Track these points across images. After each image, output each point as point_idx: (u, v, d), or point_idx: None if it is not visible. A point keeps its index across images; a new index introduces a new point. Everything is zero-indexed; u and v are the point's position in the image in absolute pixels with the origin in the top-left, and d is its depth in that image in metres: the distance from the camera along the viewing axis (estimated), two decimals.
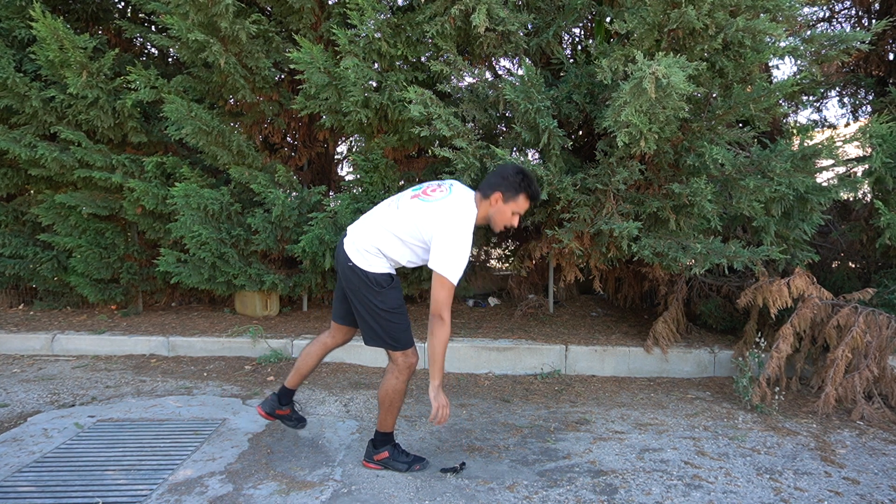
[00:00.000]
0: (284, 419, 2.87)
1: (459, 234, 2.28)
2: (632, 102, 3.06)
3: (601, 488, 2.47)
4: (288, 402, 2.85)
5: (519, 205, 2.42)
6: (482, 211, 2.42)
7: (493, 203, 2.41)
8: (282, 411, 2.84)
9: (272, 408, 2.82)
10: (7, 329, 4.72)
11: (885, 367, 3.38)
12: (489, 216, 2.45)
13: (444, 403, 2.37)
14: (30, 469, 2.55)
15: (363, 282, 2.40)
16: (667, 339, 4.16)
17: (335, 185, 5.62)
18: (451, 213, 2.32)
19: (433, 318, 2.29)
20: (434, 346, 2.29)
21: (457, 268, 2.27)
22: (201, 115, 4.20)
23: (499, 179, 2.40)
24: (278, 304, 5.23)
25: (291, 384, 2.82)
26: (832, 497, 2.42)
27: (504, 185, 2.39)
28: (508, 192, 2.39)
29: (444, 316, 2.27)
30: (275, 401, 2.82)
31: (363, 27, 3.90)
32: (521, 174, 2.40)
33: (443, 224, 2.30)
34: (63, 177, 4.79)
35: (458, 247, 2.27)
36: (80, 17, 5.00)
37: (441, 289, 2.27)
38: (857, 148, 4.39)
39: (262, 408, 2.82)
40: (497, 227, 2.48)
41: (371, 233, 2.43)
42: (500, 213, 2.42)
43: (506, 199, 2.40)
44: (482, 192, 2.43)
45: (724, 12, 3.23)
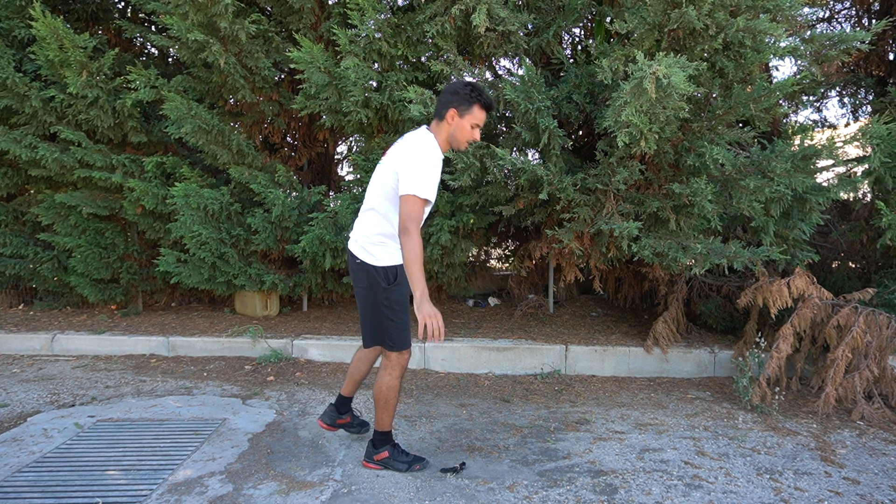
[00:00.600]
0: (347, 427, 2.89)
1: (421, 155, 2.29)
2: (632, 102, 3.06)
3: (601, 488, 2.47)
4: (347, 411, 2.86)
5: (475, 116, 2.41)
6: (442, 134, 2.42)
7: (450, 121, 2.40)
8: (342, 420, 2.85)
9: (332, 419, 2.83)
10: (7, 329, 4.72)
11: (885, 367, 3.38)
12: (451, 136, 2.43)
13: (430, 314, 2.09)
14: (30, 469, 2.55)
15: (371, 278, 2.43)
16: (667, 339, 4.16)
17: (335, 185, 5.62)
18: (409, 143, 2.36)
19: (400, 232, 2.20)
20: (407, 261, 2.17)
21: (423, 182, 2.22)
22: (201, 113, 4.20)
23: (450, 97, 2.40)
24: (278, 304, 5.23)
25: (347, 392, 2.82)
26: (832, 497, 2.42)
27: (456, 100, 2.38)
28: (462, 106, 2.38)
29: (409, 227, 2.18)
30: (333, 411, 2.83)
31: (363, 27, 3.90)
32: (471, 86, 2.40)
33: (404, 153, 2.32)
34: (63, 177, 4.79)
35: (422, 165, 2.26)
36: (80, 17, 5.00)
37: (407, 204, 2.21)
38: (857, 148, 4.39)
39: (323, 420, 2.83)
40: (461, 146, 2.45)
41: (365, 222, 2.46)
42: (459, 130, 2.41)
43: (461, 113, 2.39)
44: (437, 115, 2.43)
45: (724, 12, 3.23)
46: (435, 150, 2.36)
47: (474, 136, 2.44)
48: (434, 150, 2.35)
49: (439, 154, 2.38)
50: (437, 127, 2.43)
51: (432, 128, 2.44)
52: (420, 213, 2.24)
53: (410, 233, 2.18)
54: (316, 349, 4.33)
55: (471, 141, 2.45)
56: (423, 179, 2.24)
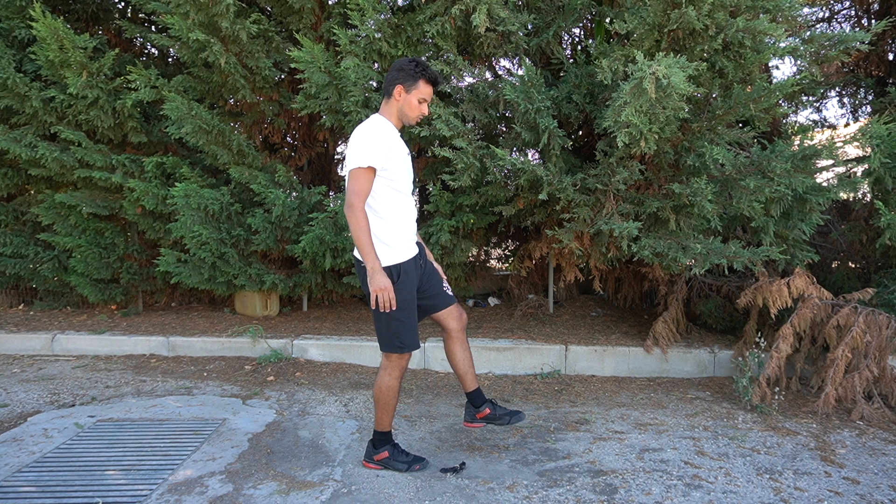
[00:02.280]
0: (493, 419, 2.76)
1: (360, 133, 2.36)
2: (632, 102, 3.06)
3: (601, 488, 2.47)
4: (482, 402, 2.76)
5: (421, 91, 2.45)
6: (392, 112, 2.47)
7: (397, 97, 2.44)
8: (483, 413, 2.75)
9: (472, 416, 2.76)
10: (7, 329, 4.72)
11: (885, 367, 3.38)
12: (400, 112, 2.47)
13: (381, 286, 2.26)
14: (30, 469, 2.55)
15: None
16: (667, 339, 4.16)
17: (335, 185, 5.63)
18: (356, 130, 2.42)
19: (345, 208, 2.30)
20: (354, 236, 2.29)
21: (362, 153, 2.30)
22: (201, 113, 4.21)
23: (396, 73, 2.44)
24: (278, 304, 5.23)
25: (470, 386, 2.75)
26: (832, 497, 2.42)
27: (401, 77, 2.43)
28: (408, 82, 2.43)
29: (353, 202, 2.28)
30: (472, 410, 2.76)
31: (363, 27, 3.90)
32: (415, 62, 2.44)
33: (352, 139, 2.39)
34: (63, 177, 4.80)
35: (360, 139, 2.33)
36: (80, 17, 5.00)
37: (350, 180, 2.32)
38: (856, 148, 4.39)
39: (467, 420, 2.78)
40: (411, 120, 2.50)
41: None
42: (407, 105, 2.45)
43: (407, 88, 2.43)
44: (385, 93, 2.48)
45: (724, 13, 3.24)
46: (378, 124, 2.42)
47: (422, 110, 2.49)
48: (376, 124, 2.41)
49: (385, 126, 2.42)
50: (386, 105, 2.48)
51: (382, 108, 2.50)
52: (363, 186, 2.31)
53: (354, 207, 2.28)
54: (316, 349, 4.33)
55: (420, 116, 2.50)
56: (362, 150, 2.31)
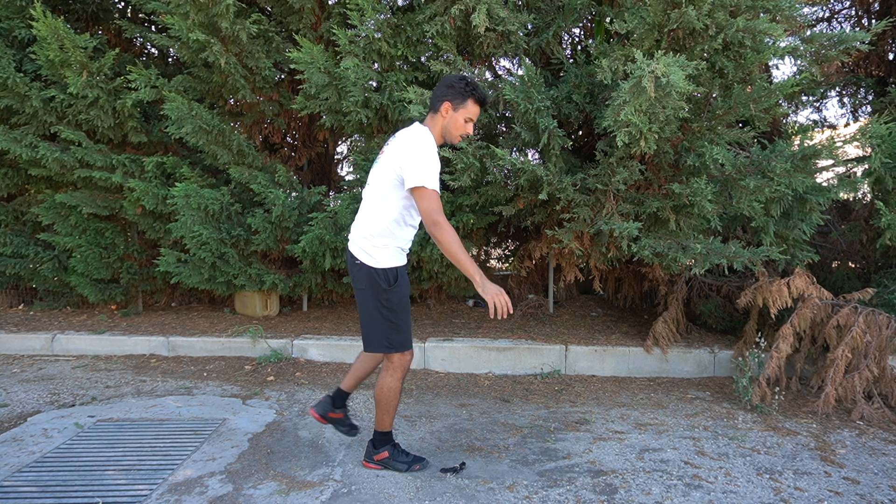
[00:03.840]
0: (336, 423, 2.75)
1: (421, 147, 2.31)
2: (631, 102, 3.06)
3: (601, 488, 2.47)
4: (342, 406, 2.77)
5: (469, 110, 2.43)
6: (436, 127, 2.44)
7: (444, 114, 2.42)
8: (335, 414, 2.74)
9: (325, 410, 2.73)
10: (7, 329, 4.72)
11: (885, 367, 3.38)
12: (444, 129, 2.45)
13: (496, 292, 2.20)
14: (30, 469, 2.55)
15: (371, 279, 2.41)
16: (667, 339, 4.16)
17: (335, 185, 5.63)
18: (406, 139, 2.37)
19: (430, 229, 2.24)
20: (448, 251, 2.23)
21: (431, 175, 2.26)
22: (202, 113, 4.21)
23: (444, 90, 2.42)
24: (278, 304, 5.23)
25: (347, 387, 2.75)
26: (832, 497, 2.42)
27: (451, 94, 2.40)
28: (456, 100, 2.40)
29: (438, 220, 2.22)
30: (328, 403, 2.74)
31: (363, 27, 3.90)
32: (465, 80, 2.42)
33: (403, 149, 2.34)
34: (63, 177, 4.80)
35: (424, 157, 2.29)
36: (80, 17, 5.00)
37: (423, 199, 2.26)
38: (856, 148, 4.39)
39: (316, 410, 2.72)
40: (454, 139, 2.48)
41: (363, 222, 2.45)
42: (453, 123, 2.43)
43: (455, 106, 2.41)
44: (432, 108, 2.45)
45: (724, 13, 3.24)
46: (431, 141, 2.38)
47: (467, 129, 2.46)
48: (430, 141, 2.38)
49: (435, 145, 2.40)
50: (431, 120, 2.45)
51: (427, 121, 2.46)
52: (440, 203, 2.27)
53: (441, 225, 2.22)
54: (316, 349, 4.33)
55: (464, 135, 2.47)
56: (429, 170, 2.27)
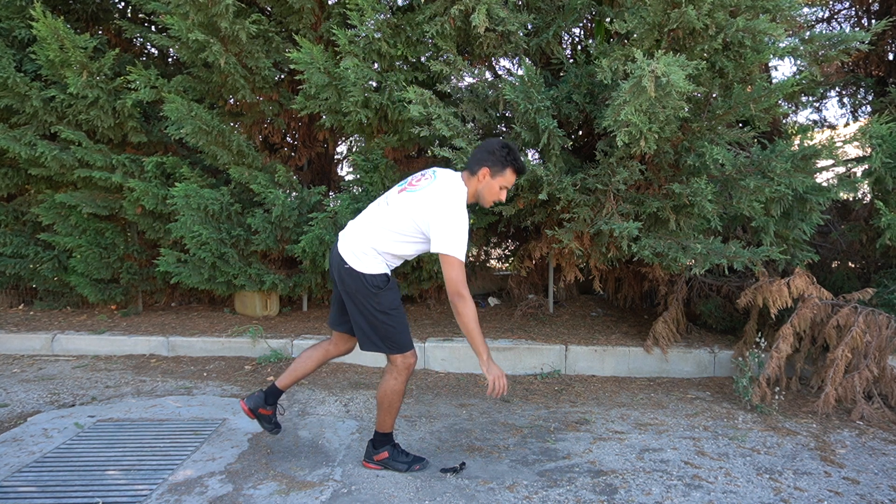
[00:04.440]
0: (263, 420, 2.71)
1: (454, 213, 2.31)
2: (631, 101, 3.06)
3: (601, 488, 2.47)
4: (274, 403, 2.72)
5: (506, 179, 2.44)
6: (471, 188, 2.45)
7: (480, 179, 2.43)
8: (265, 410, 2.70)
9: (256, 405, 2.69)
10: (7, 329, 4.72)
11: (885, 366, 3.38)
12: (478, 192, 2.46)
13: (497, 374, 2.31)
14: (30, 469, 2.55)
15: (360, 283, 2.40)
16: (667, 339, 4.16)
17: (335, 185, 5.62)
18: (441, 195, 2.35)
19: (453, 298, 2.29)
20: (465, 325, 2.29)
21: (460, 244, 2.29)
22: (201, 114, 4.20)
23: (485, 155, 2.42)
24: (278, 304, 5.23)
25: (283, 385, 2.71)
26: (832, 497, 2.42)
27: (491, 160, 2.41)
28: (495, 167, 2.41)
29: (462, 293, 2.28)
30: (261, 398, 2.70)
31: (363, 27, 3.90)
32: (507, 148, 2.42)
33: (436, 207, 2.32)
34: (63, 176, 4.79)
35: (456, 224, 2.29)
36: (80, 17, 5.00)
37: (451, 269, 2.29)
38: (856, 148, 4.39)
39: (247, 403, 2.70)
40: (486, 203, 2.49)
41: (365, 233, 2.43)
42: (488, 189, 2.44)
43: (493, 173, 2.42)
44: (469, 169, 2.45)
45: (724, 12, 3.24)
46: (463, 203, 2.38)
47: (501, 196, 2.48)
48: (463, 203, 2.37)
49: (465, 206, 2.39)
50: (468, 180, 2.45)
51: (464, 176, 2.45)
52: (465, 274, 2.31)
53: (465, 298, 2.28)
54: None
55: (497, 201, 2.49)
56: (460, 240, 2.29)
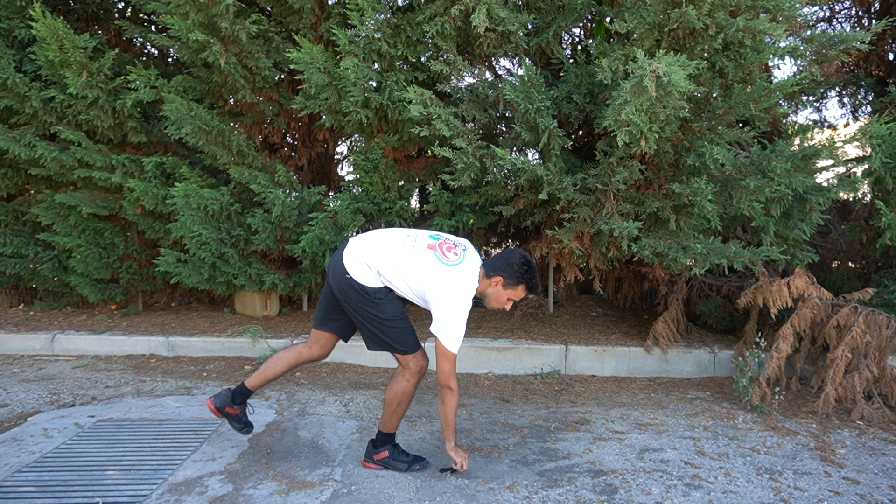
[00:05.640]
0: (232, 419, 2.70)
1: (459, 308, 2.36)
2: (632, 101, 3.06)
3: (601, 488, 2.47)
4: (242, 402, 2.70)
5: (517, 293, 2.48)
6: (482, 286, 2.48)
7: (493, 284, 2.46)
8: (232, 409, 2.68)
9: (223, 404, 2.66)
10: (7, 329, 4.72)
11: (885, 367, 3.38)
12: (485, 294, 2.49)
13: (464, 457, 2.56)
14: (30, 469, 2.55)
15: (361, 295, 2.41)
16: (667, 339, 4.16)
17: (335, 185, 5.62)
18: (456, 284, 2.37)
19: (442, 389, 2.41)
20: (446, 413, 2.45)
21: (457, 339, 2.36)
22: (201, 114, 4.20)
23: (504, 265, 2.45)
24: (278, 304, 5.23)
25: (252, 385, 2.68)
26: (832, 497, 2.42)
27: (508, 272, 2.44)
28: (510, 280, 2.45)
29: (451, 385, 2.40)
30: (228, 397, 2.67)
31: (363, 27, 3.90)
32: (526, 266, 2.45)
33: (446, 293, 2.35)
34: (63, 177, 4.79)
35: (457, 318, 2.35)
36: (80, 17, 5.00)
37: (445, 361, 2.37)
38: (856, 148, 4.39)
39: (213, 402, 2.67)
40: (489, 306, 2.54)
41: (378, 257, 2.42)
42: (496, 295, 2.48)
43: (506, 285, 2.46)
44: (486, 270, 2.47)
45: (724, 12, 3.24)
46: (470, 299, 2.41)
47: (505, 307, 2.52)
48: (469, 299, 2.41)
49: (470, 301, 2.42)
50: (482, 278, 2.47)
51: (480, 273, 2.47)
52: (455, 367, 2.42)
53: (453, 390, 2.41)
54: None
55: (499, 308, 2.54)
56: (457, 336, 2.35)
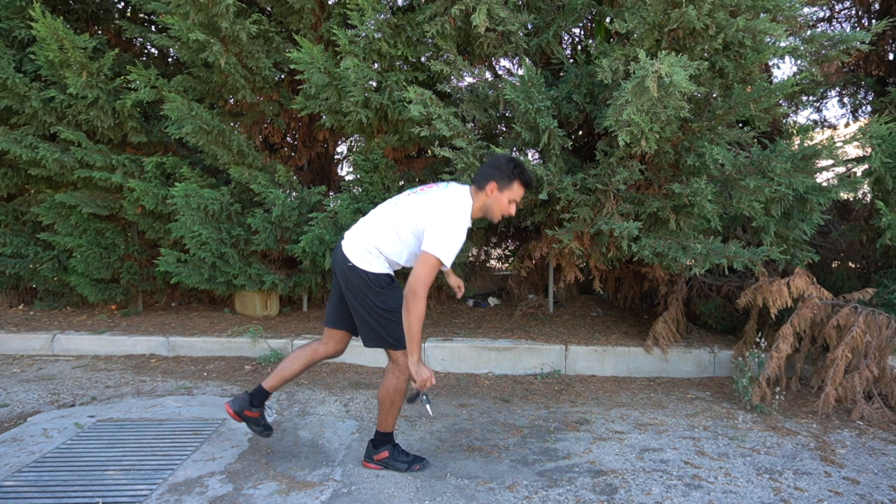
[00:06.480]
0: (251, 422, 2.66)
1: (453, 220, 2.31)
2: (633, 101, 3.06)
3: (601, 488, 2.47)
4: (260, 405, 2.67)
5: (514, 192, 2.45)
6: (479, 202, 2.45)
7: (489, 193, 2.43)
8: (251, 412, 2.65)
9: (241, 407, 2.64)
10: (7, 329, 4.72)
11: (885, 367, 3.38)
12: (486, 206, 2.47)
13: (427, 375, 2.31)
14: (30, 469, 2.55)
15: (364, 282, 2.42)
16: (667, 339, 4.16)
17: (335, 185, 5.62)
18: (445, 201, 2.36)
19: (408, 294, 2.24)
20: (410, 322, 2.25)
21: (447, 248, 2.26)
22: (202, 113, 4.21)
23: (492, 170, 2.43)
24: (278, 304, 5.23)
25: (270, 386, 2.65)
26: (832, 497, 2.42)
27: (498, 175, 2.42)
28: (503, 181, 2.42)
29: (419, 292, 2.23)
30: (245, 400, 2.65)
31: (363, 27, 3.90)
32: (513, 162, 2.43)
33: (437, 211, 2.33)
34: (63, 177, 4.79)
35: (450, 231, 2.29)
36: (80, 17, 5.00)
37: (423, 265, 2.25)
38: (856, 148, 4.39)
39: (231, 406, 2.64)
40: (495, 218, 2.50)
41: (371, 231, 2.45)
42: (496, 203, 2.45)
43: (500, 187, 2.43)
44: (477, 184, 2.46)
45: (724, 12, 3.24)
46: (466, 217, 2.39)
47: (510, 210, 2.48)
48: (466, 217, 2.39)
49: (468, 221, 2.41)
50: (475, 195, 2.45)
51: (472, 191, 2.46)
52: (432, 277, 2.28)
53: (419, 297, 2.23)
54: None
55: (506, 215, 2.49)
56: (449, 245, 2.28)
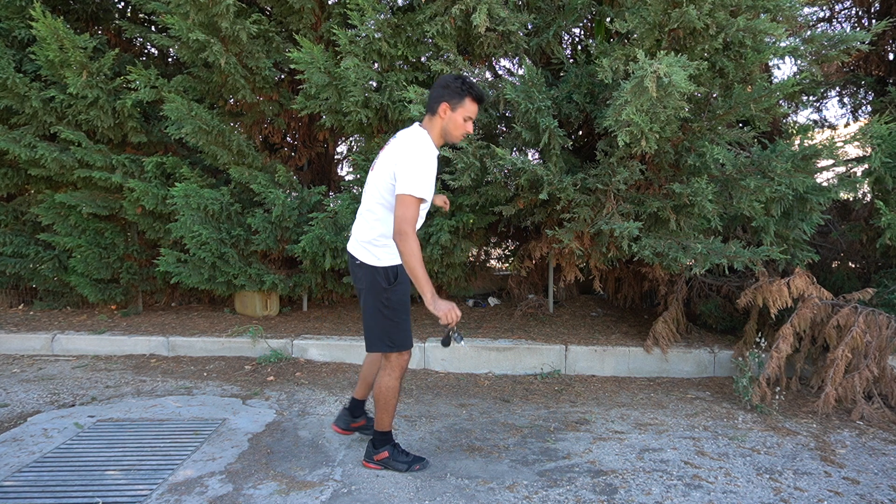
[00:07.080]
0: (362, 430, 2.91)
1: (415, 155, 2.27)
2: (633, 101, 3.06)
3: (601, 488, 2.47)
4: (361, 414, 2.89)
5: (467, 109, 2.39)
6: (435, 129, 2.41)
7: (442, 115, 2.39)
8: (357, 423, 2.89)
9: (347, 423, 2.87)
10: (7, 329, 4.72)
11: (885, 367, 3.38)
12: (444, 130, 2.41)
13: (446, 308, 2.20)
14: (30, 469, 2.55)
15: (372, 278, 2.43)
16: (667, 339, 4.16)
17: (335, 185, 5.63)
18: (402, 143, 2.34)
19: (395, 238, 2.20)
20: (408, 263, 2.19)
21: (419, 182, 2.22)
22: (201, 114, 4.21)
23: (441, 90, 2.38)
24: (278, 304, 5.23)
25: (360, 395, 2.86)
26: (832, 497, 2.42)
27: (447, 94, 2.37)
28: (454, 100, 2.37)
29: (405, 230, 2.18)
30: (347, 415, 2.87)
31: (363, 27, 3.90)
32: (461, 79, 2.39)
33: (400, 152, 2.31)
34: (63, 177, 4.79)
35: (416, 165, 2.25)
36: (80, 17, 5.00)
37: (401, 206, 2.20)
38: (856, 148, 4.39)
39: (338, 424, 2.87)
40: (455, 138, 2.44)
41: (363, 222, 2.46)
42: (452, 123, 2.39)
43: (453, 107, 2.38)
44: (429, 109, 2.41)
45: (724, 12, 3.24)
46: (429, 146, 2.35)
47: (467, 128, 2.42)
48: (428, 146, 2.35)
49: (433, 150, 2.37)
50: (429, 122, 2.41)
51: (425, 123, 2.42)
52: (415, 214, 2.23)
53: (407, 235, 2.18)
54: (316, 349, 4.33)
55: (465, 133, 2.43)
56: (418, 178, 2.23)
